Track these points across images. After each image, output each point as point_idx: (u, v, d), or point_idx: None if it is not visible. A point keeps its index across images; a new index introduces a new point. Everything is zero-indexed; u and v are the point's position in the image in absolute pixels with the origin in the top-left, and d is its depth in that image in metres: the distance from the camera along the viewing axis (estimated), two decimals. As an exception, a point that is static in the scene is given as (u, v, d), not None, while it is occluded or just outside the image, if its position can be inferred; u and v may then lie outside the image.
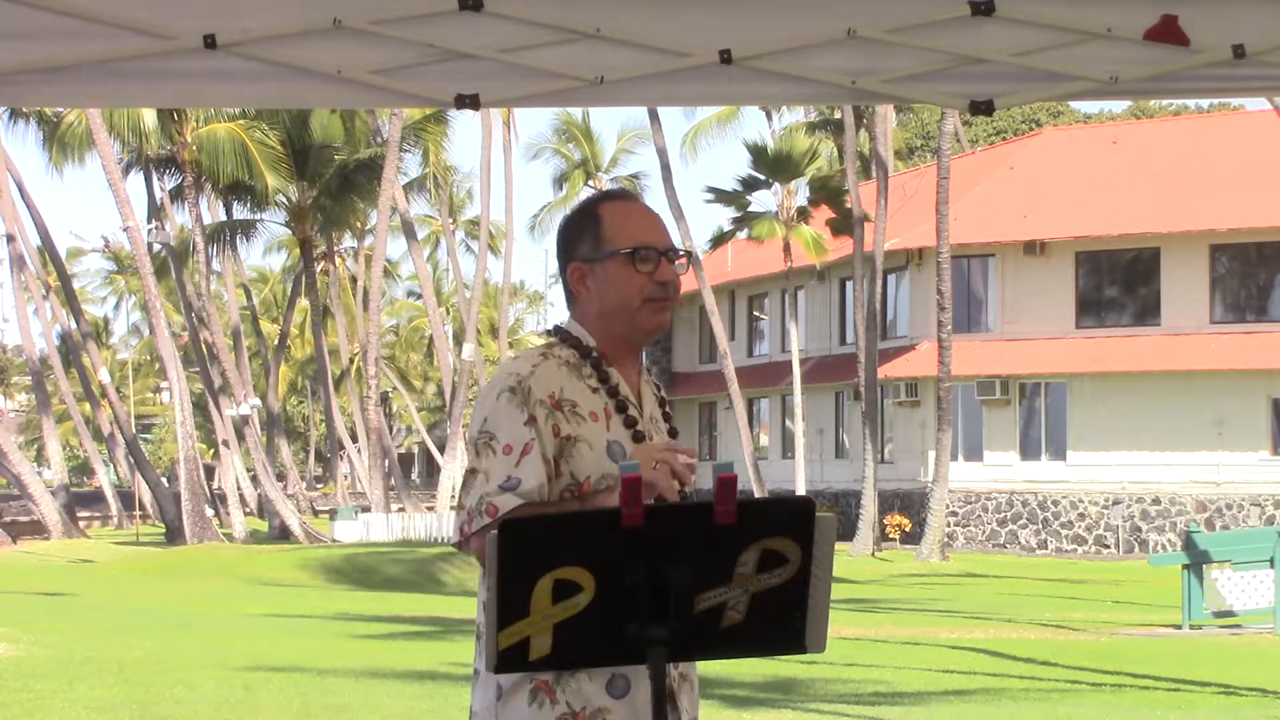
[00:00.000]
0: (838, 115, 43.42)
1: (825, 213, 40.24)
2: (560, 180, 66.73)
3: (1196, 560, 18.43)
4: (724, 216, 43.77)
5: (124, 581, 28.42)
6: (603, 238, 3.21)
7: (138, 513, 51.77)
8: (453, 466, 49.53)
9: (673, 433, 3.29)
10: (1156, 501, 37.43)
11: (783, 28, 3.44)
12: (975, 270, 40.34)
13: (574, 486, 3.07)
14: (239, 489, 46.37)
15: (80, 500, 55.57)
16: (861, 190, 39.20)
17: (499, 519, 2.94)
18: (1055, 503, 38.51)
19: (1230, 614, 18.47)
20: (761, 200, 42.79)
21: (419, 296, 71.69)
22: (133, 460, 48.09)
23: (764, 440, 47.09)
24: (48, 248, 46.24)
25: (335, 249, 60.75)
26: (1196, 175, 39.72)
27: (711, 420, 48.81)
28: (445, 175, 57.53)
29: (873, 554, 35.82)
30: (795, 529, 2.66)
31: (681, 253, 3.23)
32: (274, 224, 52.10)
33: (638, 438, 3.16)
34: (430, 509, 49.27)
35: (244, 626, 18.27)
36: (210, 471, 61.98)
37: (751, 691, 12.21)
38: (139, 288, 57.31)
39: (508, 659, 2.62)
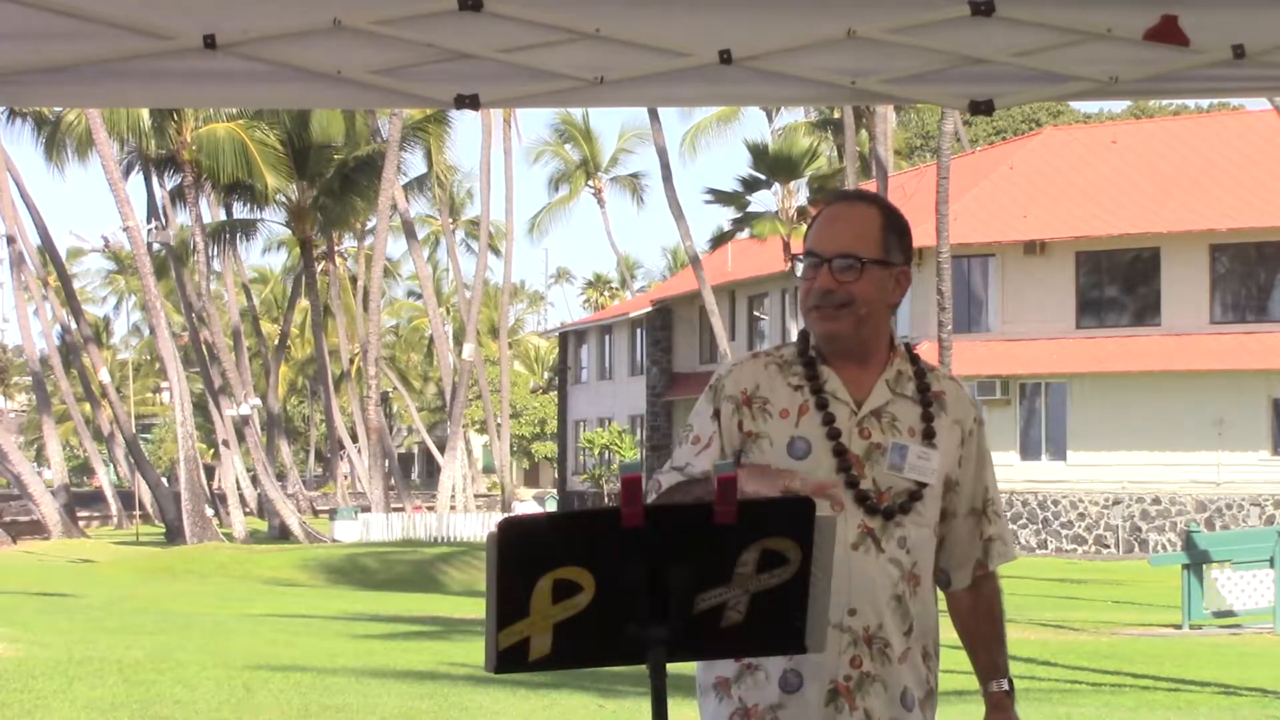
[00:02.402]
0: (838, 115, 43.41)
1: (825, 213, 40.20)
2: (556, 181, 66.77)
3: (1196, 560, 18.42)
4: (724, 216, 43.80)
5: (124, 581, 28.42)
6: (806, 240, 3.26)
7: (138, 513, 51.76)
8: (453, 467, 49.53)
9: (928, 434, 3.22)
10: (1156, 501, 37.44)
11: (783, 28, 3.44)
12: (975, 270, 40.34)
13: None
14: (239, 489, 46.37)
15: (80, 500, 55.57)
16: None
17: (662, 492, 3.16)
18: (1055, 503, 38.51)
19: (1230, 614, 18.47)
20: (762, 200, 42.81)
21: (419, 296, 71.69)
22: (133, 460, 48.09)
23: (764, 440, 47.03)
24: (48, 248, 46.23)
25: (335, 249, 60.74)
26: (1196, 175, 39.72)
27: (711, 420, 48.68)
28: (445, 175, 57.53)
29: (873, 554, 35.82)
30: (795, 529, 2.66)
31: (862, 261, 3.16)
32: (274, 224, 52.15)
33: (832, 434, 3.17)
34: (430, 509, 49.26)
35: (244, 626, 18.26)
36: (210, 471, 61.96)
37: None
38: (139, 288, 57.30)
39: (507, 659, 2.62)
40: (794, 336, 3.33)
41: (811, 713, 3.12)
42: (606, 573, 2.59)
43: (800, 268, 3.22)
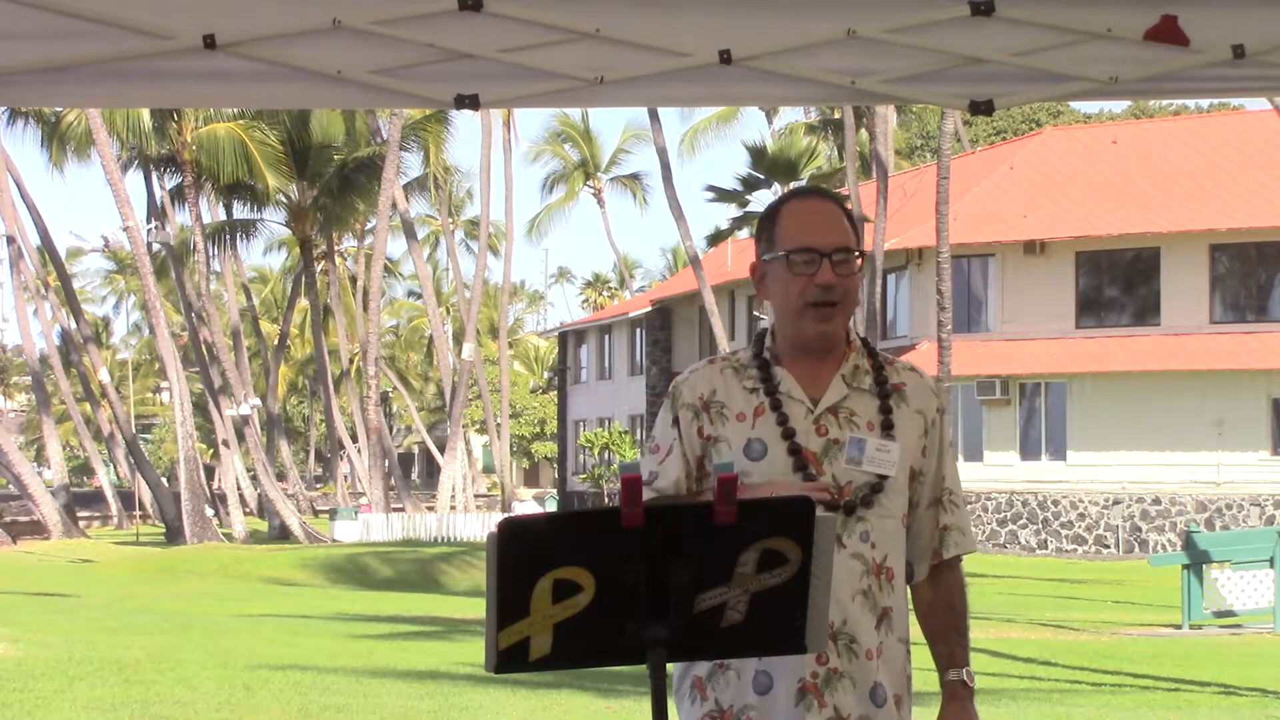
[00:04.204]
0: (838, 115, 43.43)
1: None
2: (551, 183, 66.81)
3: (1196, 560, 18.43)
4: (724, 216, 43.78)
5: (124, 581, 28.42)
6: (774, 238, 3.24)
7: (138, 513, 51.77)
8: (453, 467, 49.54)
9: (886, 425, 3.22)
10: (1156, 501, 37.43)
11: (783, 28, 3.44)
12: (975, 270, 40.33)
13: (714, 486, 3.12)
14: (239, 489, 46.37)
15: (80, 500, 55.56)
16: (861, 190, 39.21)
17: None
18: (1055, 503, 38.51)
19: (1230, 614, 18.48)
20: (761, 199, 42.83)
21: (419, 296, 71.67)
22: (133, 460, 48.08)
23: (764, 440, 47.02)
24: (48, 248, 46.23)
25: (335, 249, 60.73)
26: (1196, 175, 39.71)
27: (711, 420, 48.68)
28: (445, 175, 57.52)
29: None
30: (795, 529, 2.66)
31: (855, 254, 3.18)
32: (274, 224, 52.14)
33: (787, 434, 3.18)
34: (430, 509, 49.28)
35: (244, 626, 18.26)
36: (210, 471, 61.96)
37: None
38: (139, 288, 57.31)
39: (507, 659, 2.62)
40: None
41: (782, 712, 3.12)
42: (606, 573, 2.59)
43: (772, 268, 3.22)
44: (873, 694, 3.18)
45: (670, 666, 2.93)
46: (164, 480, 50.65)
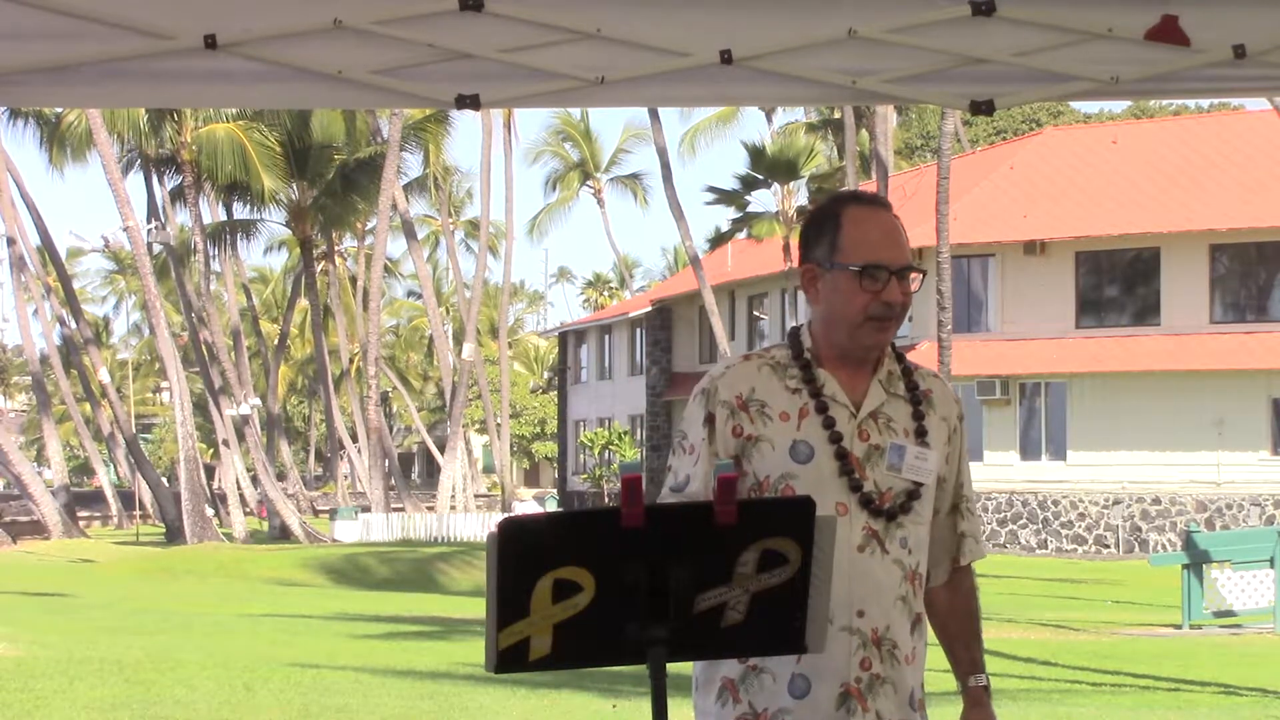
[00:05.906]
0: (838, 115, 43.40)
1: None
2: (554, 182, 66.81)
3: (1196, 560, 18.43)
4: (724, 216, 43.77)
5: (124, 581, 28.42)
6: (839, 245, 3.18)
7: (138, 513, 51.77)
8: (453, 466, 49.53)
9: (920, 432, 3.23)
10: (1156, 501, 37.43)
11: (783, 28, 3.44)
12: (975, 270, 40.33)
13: (755, 486, 3.14)
14: (239, 489, 46.37)
15: (80, 500, 55.54)
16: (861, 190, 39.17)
17: None
18: (1055, 503, 38.51)
19: (1230, 614, 18.48)
20: (761, 200, 42.83)
21: (419, 296, 71.65)
22: (133, 460, 48.08)
23: (764, 440, 46.95)
24: (48, 248, 46.23)
25: (335, 249, 60.73)
26: (1196, 175, 39.71)
27: (711, 420, 48.63)
28: (445, 175, 57.51)
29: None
30: (795, 529, 2.66)
31: (915, 269, 3.18)
32: (274, 224, 52.15)
33: (835, 438, 3.16)
34: (430, 509, 49.27)
35: (244, 626, 18.26)
36: (210, 471, 61.95)
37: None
38: (139, 288, 57.30)
39: (507, 659, 2.61)
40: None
41: (823, 716, 3.12)
42: (606, 573, 2.59)
43: (832, 275, 3.18)
44: (910, 699, 3.22)
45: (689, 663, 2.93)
46: (164, 480, 50.65)
